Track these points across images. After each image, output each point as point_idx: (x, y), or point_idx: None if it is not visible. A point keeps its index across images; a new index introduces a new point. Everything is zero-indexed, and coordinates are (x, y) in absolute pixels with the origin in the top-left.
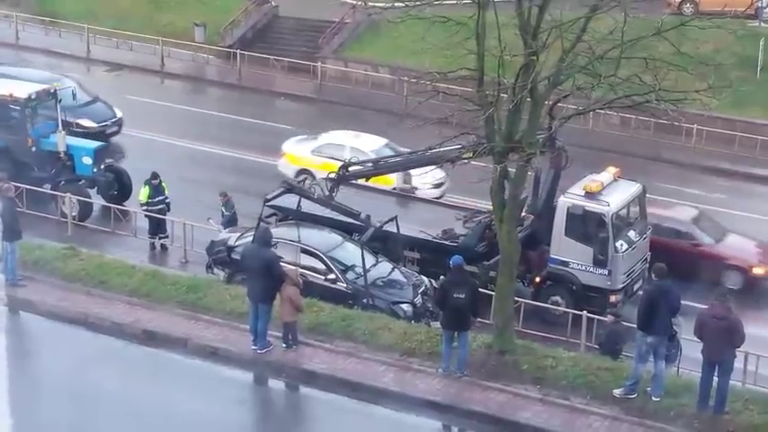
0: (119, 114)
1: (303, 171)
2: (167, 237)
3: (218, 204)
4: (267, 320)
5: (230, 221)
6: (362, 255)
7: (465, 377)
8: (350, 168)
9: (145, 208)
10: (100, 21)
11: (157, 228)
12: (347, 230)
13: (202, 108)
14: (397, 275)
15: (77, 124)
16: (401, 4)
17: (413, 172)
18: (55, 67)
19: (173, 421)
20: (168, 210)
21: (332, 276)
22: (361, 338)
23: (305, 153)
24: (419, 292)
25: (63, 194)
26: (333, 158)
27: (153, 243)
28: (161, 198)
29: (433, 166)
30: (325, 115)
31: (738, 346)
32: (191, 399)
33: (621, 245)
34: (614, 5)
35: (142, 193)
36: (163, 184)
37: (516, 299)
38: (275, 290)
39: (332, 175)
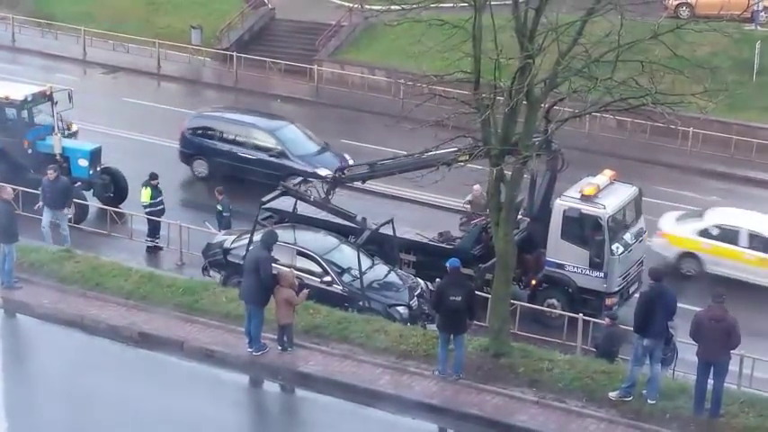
0: (350, 162)
1: (687, 254)
2: (159, 238)
3: (215, 205)
4: (259, 322)
5: (219, 220)
6: (359, 257)
7: (461, 380)
8: (345, 171)
9: (149, 210)
10: (96, 23)
11: (155, 229)
12: (343, 233)
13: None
14: (393, 278)
15: (315, 174)
16: (398, 7)
17: None
18: (51, 69)
19: (168, 423)
20: (164, 212)
21: (328, 279)
22: (356, 341)
23: (690, 234)
24: (415, 294)
25: None
26: (726, 242)
27: (153, 245)
28: (161, 199)
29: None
30: (322, 118)
31: (735, 348)
32: (186, 401)
33: (617, 248)
34: (610, 8)
35: (144, 194)
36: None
37: (512, 301)
38: (265, 291)
39: (328, 177)
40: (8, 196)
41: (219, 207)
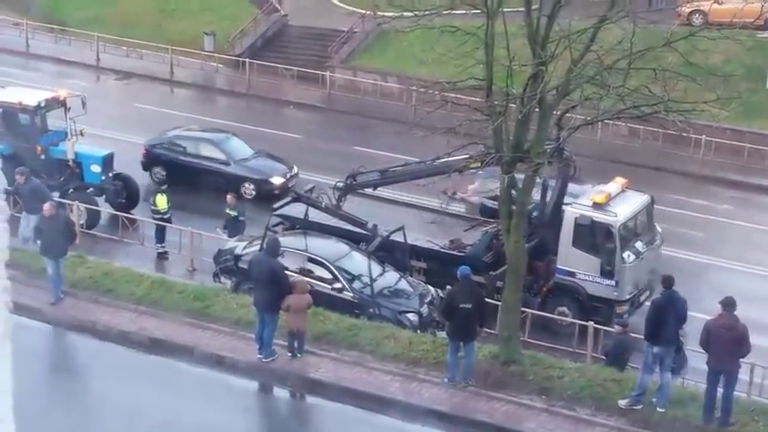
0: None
1: None
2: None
3: (226, 210)
4: (273, 329)
5: (234, 225)
6: (369, 264)
7: (470, 387)
8: (357, 178)
9: (165, 216)
10: (109, 29)
11: (164, 235)
12: (354, 240)
13: (211, 117)
14: (403, 285)
15: None
16: (410, 14)
17: None
18: (65, 74)
19: (178, 429)
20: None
21: (338, 285)
22: (366, 348)
23: None
24: (425, 301)
25: (71, 202)
26: None
27: (163, 251)
28: (170, 204)
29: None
30: (334, 124)
31: (745, 357)
32: (196, 407)
33: (629, 256)
34: (623, 16)
35: (161, 200)
36: None
37: (523, 309)
38: (280, 299)
39: (339, 184)
40: (48, 213)
41: (234, 212)
